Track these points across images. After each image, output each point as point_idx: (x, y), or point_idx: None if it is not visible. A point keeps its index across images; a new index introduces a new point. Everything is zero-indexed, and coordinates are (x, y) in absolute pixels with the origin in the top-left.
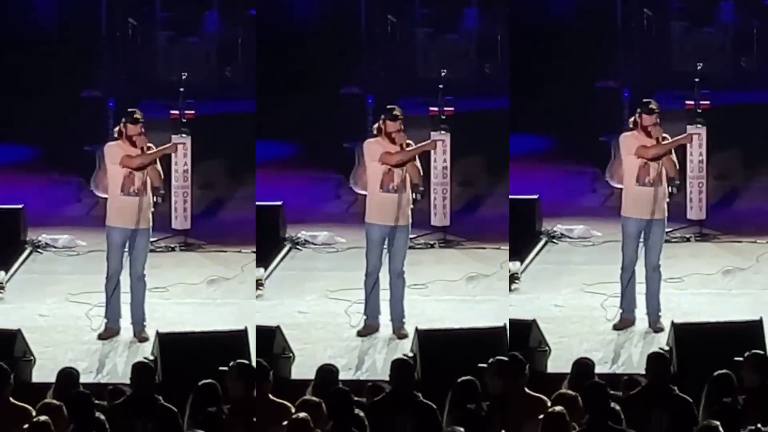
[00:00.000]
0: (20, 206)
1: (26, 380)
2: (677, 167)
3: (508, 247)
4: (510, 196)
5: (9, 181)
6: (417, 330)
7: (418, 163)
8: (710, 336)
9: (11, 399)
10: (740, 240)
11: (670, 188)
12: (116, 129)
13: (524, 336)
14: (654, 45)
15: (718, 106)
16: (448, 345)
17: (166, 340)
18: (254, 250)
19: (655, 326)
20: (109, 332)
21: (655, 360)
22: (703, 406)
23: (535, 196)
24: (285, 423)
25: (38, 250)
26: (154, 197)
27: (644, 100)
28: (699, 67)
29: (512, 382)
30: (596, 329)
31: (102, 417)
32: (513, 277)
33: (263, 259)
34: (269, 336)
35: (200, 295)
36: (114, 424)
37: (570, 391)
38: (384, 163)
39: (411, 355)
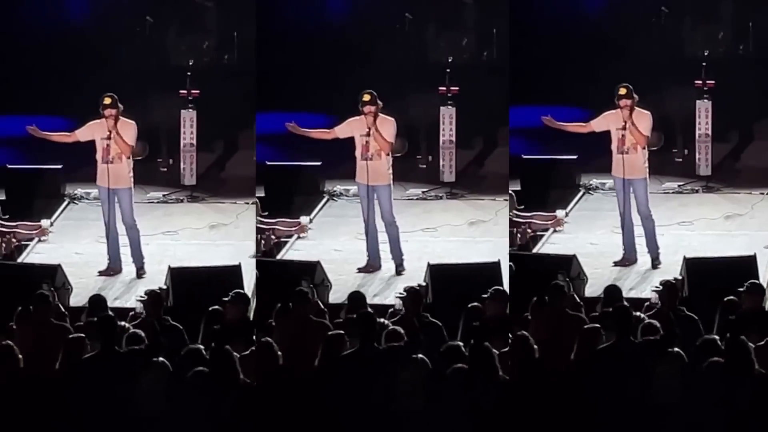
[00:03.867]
0: (60, 166)
1: (65, 305)
2: (645, 139)
3: (503, 198)
4: (554, 156)
5: (52, 145)
6: (429, 264)
7: (380, 137)
8: (714, 268)
9: (52, 320)
10: (738, 191)
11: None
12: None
13: (568, 267)
14: (669, 35)
15: (720, 84)
16: (453, 276)
17: (176, 273)
18: (249, 201)
19: (653, 263)
20: (109, 270)
21: (666, 287)
22: (717, 323)
23: (575, 156)
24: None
25: (74, 201)
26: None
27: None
28: (706, 53)
29: (555, 304)
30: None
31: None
32: (557, 221)
33: (307, 209)
34: (311, 268)
35: (203, 237)
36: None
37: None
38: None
39: (424, 284)
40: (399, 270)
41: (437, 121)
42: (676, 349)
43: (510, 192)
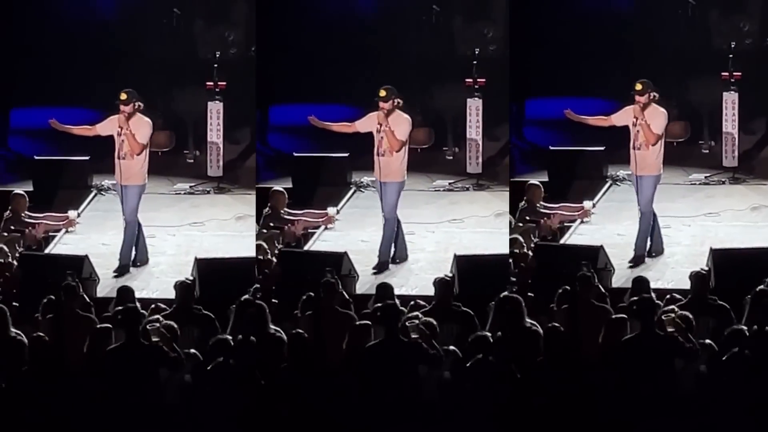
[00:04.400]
0: (87, 157)
1: (92, 296)
2: (655, 137)
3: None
4: (582, 148)
5: (78, 137)
6: (455, 255)
7: (390, 135)
8: (741, 258)
9: (78, 311)
10: (765, 183)
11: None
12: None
13: (594, 258)
14: (696, 27)
15: (747, 76)
16: (479, 267)
17: (202, 263)
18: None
19: (635, 260)
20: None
21: (696, 278)
22: (747, 312)
23: (602, 148)
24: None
25: (101, 192)
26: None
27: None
28: (732, 45)
29: (582, 295)
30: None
31: (148, 327)
32: (584, 212)
33: (334, 200)
34: (338, 259)
35: (230, 228)
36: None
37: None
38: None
39: (450, 275)
40: (381, 268)
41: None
42: (703, 340)
43: (537, 183)
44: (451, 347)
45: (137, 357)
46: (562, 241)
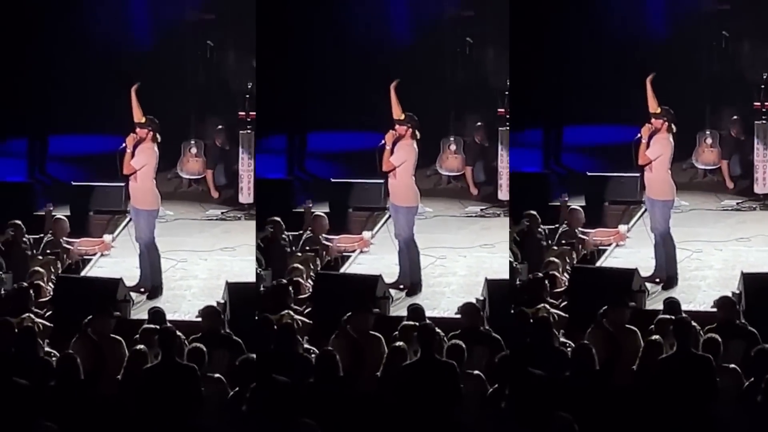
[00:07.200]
0: (122, 185)
1: (125, 317)
2: (644, 158)
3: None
4: (618, 174)
5: (114, 164)
6: (486, 279)
7: (387, 155)
8: None
9: (111, 334)
10: None
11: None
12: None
13: (627, 281)
14: (730, 58)
15: None
16: (510, 290)
17: (233, 287)
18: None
19: (651, 279)
20: (139, 287)
21: (724, 302)
22: None
23: (637, 174)
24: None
25: None
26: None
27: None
28: (765, 77)
29: (617, 316)
30: (683, 276)
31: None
32: (620, 236)
33: (370, 224)
34: (373, 282)
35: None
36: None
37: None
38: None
39: (482, 298)
40: (399, 287)
41: None
42: (728, 364)
43: (578, 207)
44: (476, 372)
45: (172, 376)
46: (597, 264)
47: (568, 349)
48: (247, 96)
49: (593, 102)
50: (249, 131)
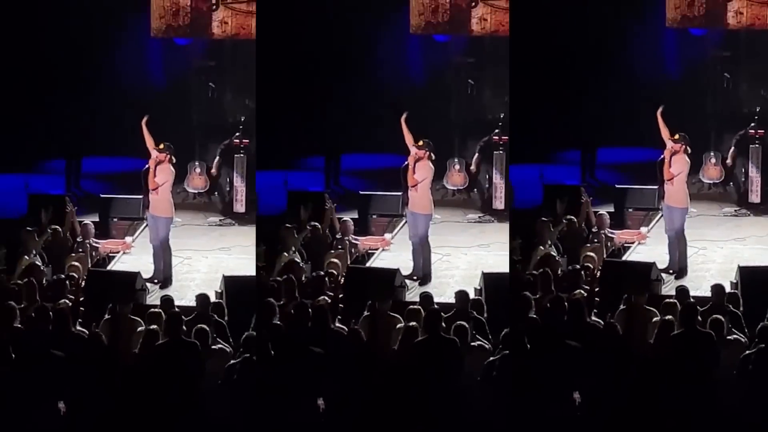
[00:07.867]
0: (140, 197)
1: (142, 303)
2: (668, 173)
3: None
4: (640, 186)
5: (135, 179)
6: (483, 273)
7: (411, 172)
8: (762, 274)
9: (130, 315)
10: None
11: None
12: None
13: (647, 272)
14: (731, 95)
15: None
16: (503, 282)
17: (229, 280)
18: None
19: (666, 270)
20: (153, 278)
21: (716, 289)
22: None
23: (655, 187)
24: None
25: None
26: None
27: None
28: (757, 109)
29: (636, 300)
30: (692, 268)
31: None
32: (641, 236)
33: (390, 228)
34: (392, 274)
35: (251, 252)
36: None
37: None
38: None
39: (479, 288)
40: (425, 280)
41: None
42: (733, 336)
43: (605, 212)
44: (477, 343)
45: (180, 350)
46: (623, 258)
47: (599, 326)
48: (241, 127)
49: (624, 128)
50: (242, 155)
